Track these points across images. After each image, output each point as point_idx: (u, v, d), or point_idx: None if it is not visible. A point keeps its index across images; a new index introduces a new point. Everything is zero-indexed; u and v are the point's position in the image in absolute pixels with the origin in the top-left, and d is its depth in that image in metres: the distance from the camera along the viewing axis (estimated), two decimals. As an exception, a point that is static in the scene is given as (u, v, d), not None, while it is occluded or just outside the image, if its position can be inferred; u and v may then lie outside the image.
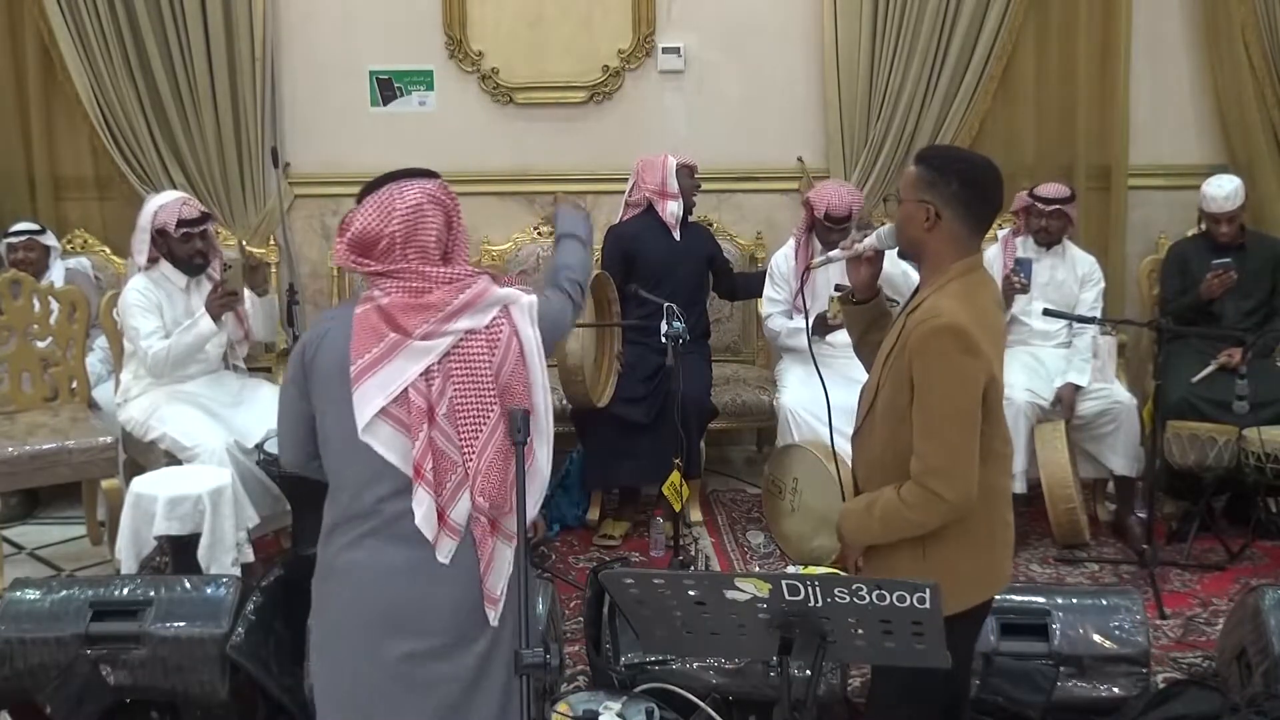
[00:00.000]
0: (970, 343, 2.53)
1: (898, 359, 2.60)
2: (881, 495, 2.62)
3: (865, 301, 2.90)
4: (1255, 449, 4.66)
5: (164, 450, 4.53)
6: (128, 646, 3.46)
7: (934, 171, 2.62)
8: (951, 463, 2.52)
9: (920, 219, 2.62)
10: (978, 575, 2.64)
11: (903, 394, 2.58)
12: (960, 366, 2.52)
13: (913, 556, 2.61)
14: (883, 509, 2.60)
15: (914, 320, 2.59)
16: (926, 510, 2.54)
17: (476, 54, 5.74)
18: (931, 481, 2.52)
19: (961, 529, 2.58)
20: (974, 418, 2.54)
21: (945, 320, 2.52)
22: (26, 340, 4.93)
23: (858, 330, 2.94)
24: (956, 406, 2.53)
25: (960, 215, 2.61)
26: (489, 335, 2.48)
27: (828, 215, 5.02)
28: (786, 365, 5.26)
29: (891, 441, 2.61)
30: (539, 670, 2.20)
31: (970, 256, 2.65)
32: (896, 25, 5.58)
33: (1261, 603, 3.44)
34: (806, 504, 4.69)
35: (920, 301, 2.63)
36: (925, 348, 2.53)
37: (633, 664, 3.44)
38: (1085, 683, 3.38)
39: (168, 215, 4.54)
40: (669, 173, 5.13)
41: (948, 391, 2.52)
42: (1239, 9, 5.57)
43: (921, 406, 2.54)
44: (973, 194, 2.62)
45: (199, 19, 5.55)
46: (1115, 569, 4.71)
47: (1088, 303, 5.11)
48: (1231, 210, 5.07)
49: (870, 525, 2.64)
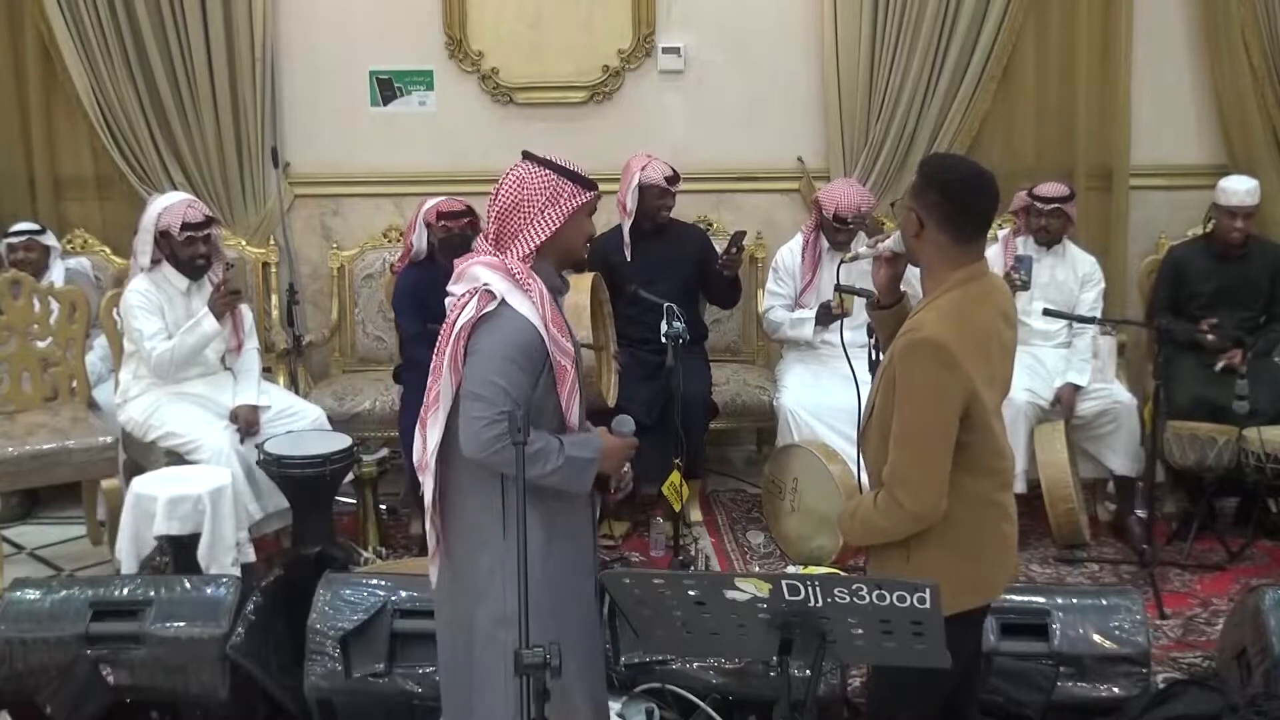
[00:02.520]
0: (948, 357, 2.52)
1: (888, 368, 2.63)
2: (864, 499, 2.68)
3: (889, 306, 2.87)
4: (1255, 449, 4.66)
5: (164, 450, 4.53)
6: (128, 646, 3.47)
7: (922, 180, 2.66)
8: (916, 473, 2.54)
9: (910, 228, 2.65)
10: (962, 582, 2.61)
11: (889, 404, 2.60)
12: (936, 380, 2.53)
13: (899, 559, 2.64)
14: (862, 513, 2.66)
15: (900, 331, 2.62)
16: (890, 517, 2.58)
17: (476, 54, 5.74)
18: (897, 490, 2.55)
19: (944, 536, 2.59)
20: (945, 432, 2.55)
21: (924, 334, 2.54)
22: (26, 340, 4.93)
23: (885, 333, 2.90)
24: (926, 420, 2.54)
25: (940, 225, 2.61)
26: (460, 302, 2.67)
27: (836, 215, 5.02)
28: (787, 365, 5.27)
29: (884, 447, 2.62)
30: (539, 670, 2.20)
31: (970, 265, 2.63)
32: (896, 25, 5.58)
33: (1261, 603, 3.44)
34: (806, 504, 4.69)
35: (916, 312, 2.65)
36: (904, 359, 2.56)
37: (633, 664, 3.44)
38: (1085, 683, 3.38)
39: (172, 217, 4.54)
40: (630, 187, 5.09)
41: (920, 404, 2.54)
42: (1239, 9, 5.57)
43: (897, 416, 2.56)
44: (953, 206, 2.60)
45: (199, 19, 5.54)
46: (1115, 569, 4.71)
47: (1088, 303, 5.11)
48: (1250, 206, 5.04)
49: (853, 527, 2.71)
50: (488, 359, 2.61)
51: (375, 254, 5.76)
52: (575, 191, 2.73)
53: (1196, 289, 5.12)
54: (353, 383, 5.50)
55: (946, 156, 2.73)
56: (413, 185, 5.57)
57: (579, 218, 2.76)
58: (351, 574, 3.79)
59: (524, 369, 2.61)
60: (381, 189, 5.79)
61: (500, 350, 2.61)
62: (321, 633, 3.44)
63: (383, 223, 5.80)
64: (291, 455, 4.40)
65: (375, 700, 3.42)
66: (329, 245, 5.84)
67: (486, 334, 2.62)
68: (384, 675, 3.38)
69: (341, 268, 5.78)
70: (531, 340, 2.63)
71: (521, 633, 2.24)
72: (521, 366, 2.61)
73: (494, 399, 2.57)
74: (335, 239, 5.85)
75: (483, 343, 2.62)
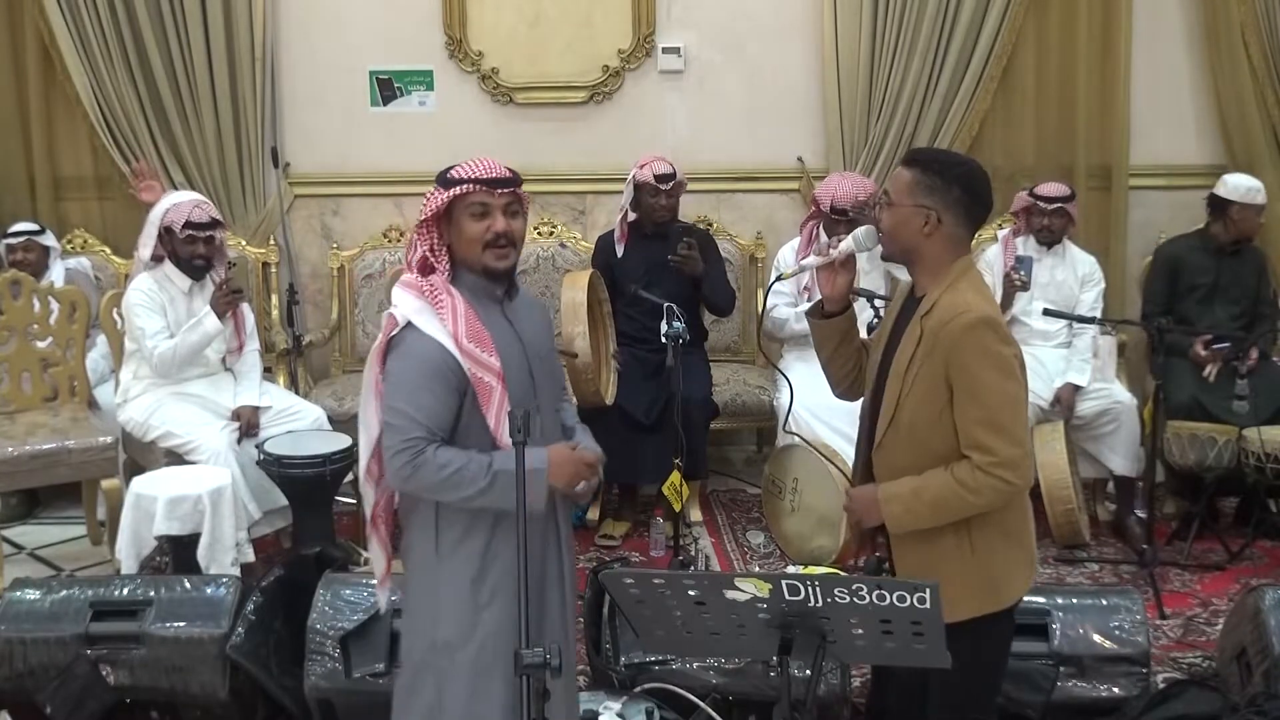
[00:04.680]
0: (1005, 332, 2.58)
1: (925, 364, 2.58)
2: (930, 482, 2.59)
3: (835, 314, 2.84)
4: (1255, 449, 4.66)
5: (164, 450, 4.53)
6: (128, 646, 3.47)
7: (935, 176, 2.62)
8: (1018, 451, 2.55)
9: (919, 224, 2.63)
10: (1021, 564, 2.69)
11: (936, 398, 2.57)
12: (1002, 355, 2.55)
13: (960, 550, 2.61)
14: (935, 496, 2.58)
15: (936, 321, 2.58)
16: (994, 496, 2.56)
17: (476, 54, 5.74)
18: (1003, 472, 2.53)
19: (1002, 520, 2.62)
20: (1025, 401, 2.59)
21: (977, 314, 2.55)
22: (26, 340, 4.94)
23: (830, 345, 2.88)
24: (1010, 394, 2.56)
25: (960, 219, 2.63)
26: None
27: (834, 207, 5.00)
28: (787, 364, 5.26)
29: (925, 448, 2.60)
30: (539, 670, 2.19)
31: (966, 255, 2.69)
32: (896, 25, 5.58)
33: (1261, 603, 3.44)
34: (806, 504, 4.69)
35: (933, 303, 2.62)
36: (963, 343, 2.54)
37: (633, 664, 3.45)
38: (1085, 683, 3.38)
39: (177, 215, 4.55)
40: (629, 187, 5.10)
41: (998, 382, 2.54)
42: (1239, 9, 5.57)
43: (975, 402, 2.54)
44: (973, 199, 2.64)
45: (199, 19, 5.55)
46: (1115, 569, 4.71)
47: (1088, 303, 5.11)
48: (1258, 204, 5.03)
49: (920, 510, 2.61)
50: (396, 386, 2.56)
51: (375, 254, 5.77)
52: (439, 192, 2.62)
53: (1194, 283, 5.12)
54: (353, 383, 5.50)
55: (938, 151, 2.72)
56: (413, 185, 5.56)
57: (461, 221, 2.60)
58: (351, 574, 3.78)
59: (434, 391, 2.53)
60: (381, 189, 5.80)
61: (406, 375, 2.55)
62: (321, 633, 3.44)
63: (383, 223, 5.81)
64: (291, 455, 4.40)
65: (375, 700, 3.41)
66: (329, 245, 5.84)
67: (395, 359, 2.58)
68: (384, 675, 3.38)
69: (341, 268, 5.78)
70: (441, 361, 2.53)
71: (521, 633, 2.23)
72: (431, 389, 2.53)
73: (401, 427, 2.52)
74: (335, 239, 5.85)
75: (392, 368, 2.57)
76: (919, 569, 2.63)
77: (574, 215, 5.86)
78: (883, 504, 2.65)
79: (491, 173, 2.64)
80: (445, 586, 2.62)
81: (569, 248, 5.77)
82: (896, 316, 2.76)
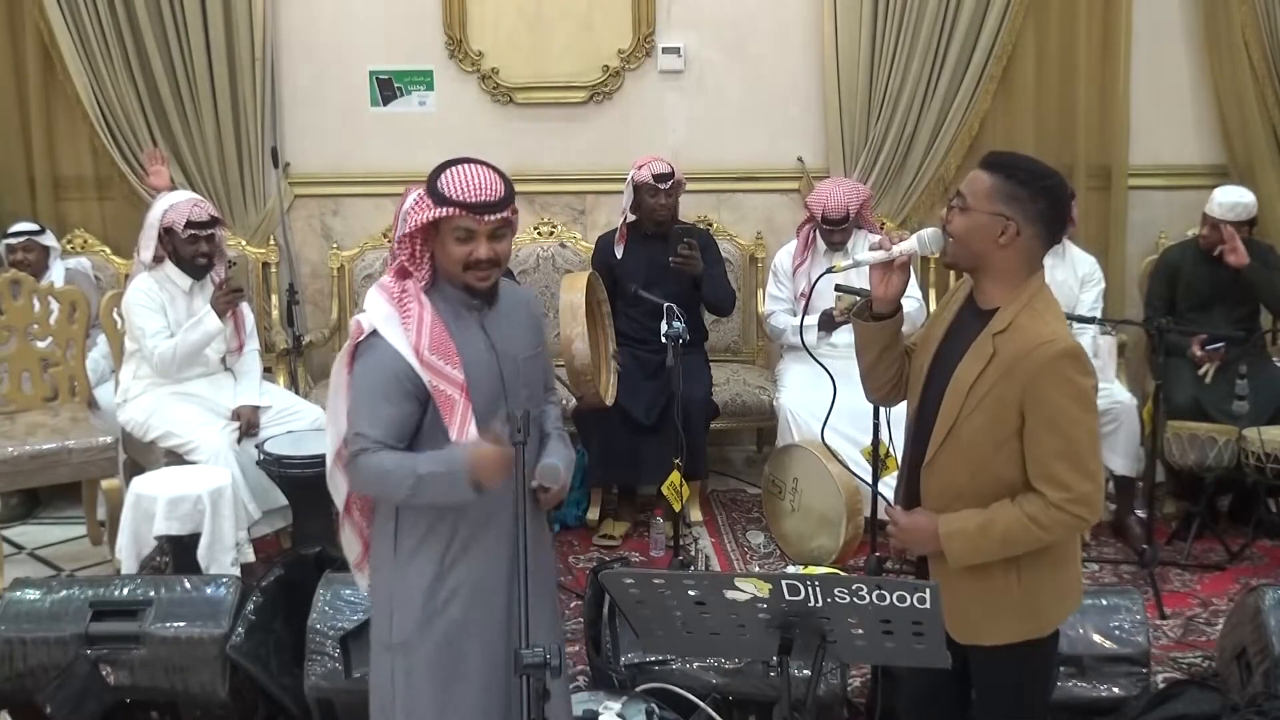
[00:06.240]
0: (1087, 364, 2.48)
1: (998, 385, 2.47)
2: (997, 517, 2.49)
3: (885, 316, 2.65)
4: (1255, 449, 4.67)
5: (164, 450, 4.53)
6: (128, 646, 3.47)
7: (1020, 186, 2.49)
8: (1094, 486, 2.48)
9: (995, 232, 2.48)
10: (1070, 588, 2.65)
11: (1005, 422, 2.47)
12: (1085, 390, 2.47)
13: (1007, 581, 2.55)
14: (1005, 531, 2.48)
15: (1017, 346, 2.46)
16: (1065, 532, 2.52)
17: (476, 54, 5.74)
18: (1078, 509, 2.46)
19: (1053, 549, 2.55)
20: (1099, 435, 2.54)
21: (1063, 345, 2.45)
22: (26, 340, 4.94)
23: (875, 349, 2.68)
24: (1088, 427, 2.48)
25: (1041, 234, 2.51)
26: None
27: (825, 217, 5.03)
28: (786, 364, 5.27)
29: (986, 469, 2.51)
30: (539, 670, 2.19)
31: (1040, 272, 2.55)
32: (896, 25, 5.58)
33: (1261, 603, 3.44)
34: (806, 504, 4.69)
35: (1009, 323, 2.49)
36: (1047, 374, 2.43)
37: (633, 664, 3.45)
38: (1085, 683, 3.38)
39: (177, 215, 4.55)
40: (628, 189, 5.10)
41: (1080, 418, 2.46)
42: (1239, 9, 5.57)
43: (1054, 434, 2.45)
44: (1056, 214, 2.53)
45: (199, 19, 5.55)
46: (1115, 569, 4.71)
47: (1088, 303, 5.11)
48: (1230, 220, 4.97)
49: (987, 547, 2.51)
50: (356, 394, 2.57)
51: (375, 254, 5.76)
52: (427, 205, 2.57)
53: (1192, 288, 5.12)
54: (353, 383, 5.50)
55: (1025, 159, 2.51)
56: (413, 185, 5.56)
57: (445, 238, 2.55)
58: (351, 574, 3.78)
59: (392, 400, 2.52)
60: (381, 189, 5.79)
61: (364, 384, 2.55)
62: (321, 633, 3.44)
63: (383, 223, 5.81)
64: (291, 455, 4.39)
65: (375, 700, 3.42)
66: (329, 245, 5.84)
67: (359, 365, 2.58)
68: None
69: (341, 268, 5.78)
70: (399, 371, 2.51)
71: (521, 632, 2.23)
72: (389, 398, 2.52)
73: (352, 435, 2.55)
74: (335, 239, 5.85)
75: (357, 372, 2.58)
76: (961, 595, 2.53)
77: (574, 215, 5.87)
78: (944, 539, 2.53)
79: (481, 194, 2.56)
80: (399, 587, 2.64)
81: (569, 248, 5.77)
82: (952, 322, 2.62)
